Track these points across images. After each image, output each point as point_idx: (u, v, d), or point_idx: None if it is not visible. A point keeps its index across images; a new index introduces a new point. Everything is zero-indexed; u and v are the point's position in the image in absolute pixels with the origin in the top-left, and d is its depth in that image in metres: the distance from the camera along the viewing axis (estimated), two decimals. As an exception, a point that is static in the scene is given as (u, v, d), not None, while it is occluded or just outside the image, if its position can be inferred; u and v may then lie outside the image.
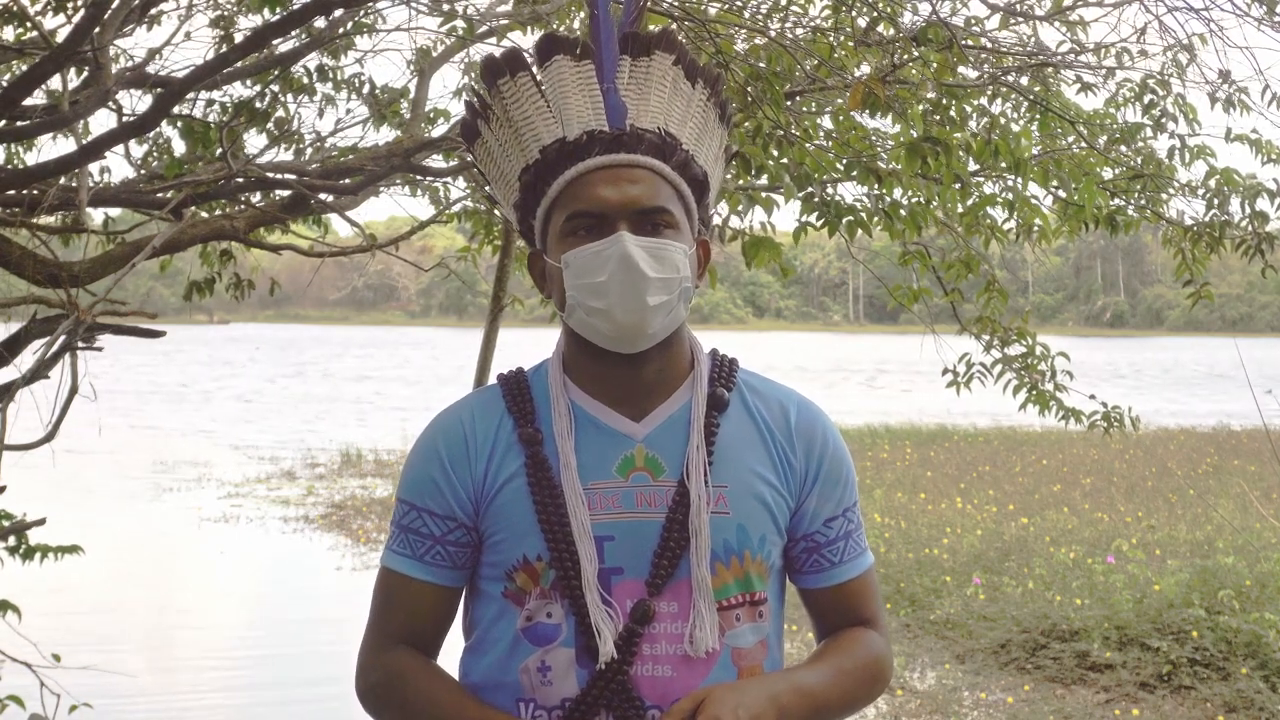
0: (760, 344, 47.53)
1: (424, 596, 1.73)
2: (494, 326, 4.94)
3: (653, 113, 1.71)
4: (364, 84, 5.29)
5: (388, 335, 69.03)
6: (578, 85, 1.71)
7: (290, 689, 7.67)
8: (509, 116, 1.74)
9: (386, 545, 1.76)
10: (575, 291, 1.66)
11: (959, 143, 3.90)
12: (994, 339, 4.77)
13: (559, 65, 1.73)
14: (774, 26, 4.41)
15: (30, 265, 4.04)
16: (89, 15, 3.19)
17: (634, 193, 1.66)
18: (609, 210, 1.65)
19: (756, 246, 3.78)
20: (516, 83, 1.74)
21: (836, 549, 1.78)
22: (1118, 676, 7.19)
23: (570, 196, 1.68)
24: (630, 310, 1.63)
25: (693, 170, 1.72)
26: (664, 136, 1.70)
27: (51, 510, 4.43)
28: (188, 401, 28.53)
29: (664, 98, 1.73)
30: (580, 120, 1.69)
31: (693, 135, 1.74)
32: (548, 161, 1.69)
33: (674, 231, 1.68)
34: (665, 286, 1.65)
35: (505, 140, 1.75)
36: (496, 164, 1.78)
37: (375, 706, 1.74)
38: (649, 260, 1.63)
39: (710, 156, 1.77)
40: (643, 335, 1.66)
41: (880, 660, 1.78)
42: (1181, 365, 45.83)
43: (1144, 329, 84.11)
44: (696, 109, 1.76)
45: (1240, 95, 4.76)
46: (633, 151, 1.68)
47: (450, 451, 1.71)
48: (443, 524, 1.71)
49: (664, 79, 1.74)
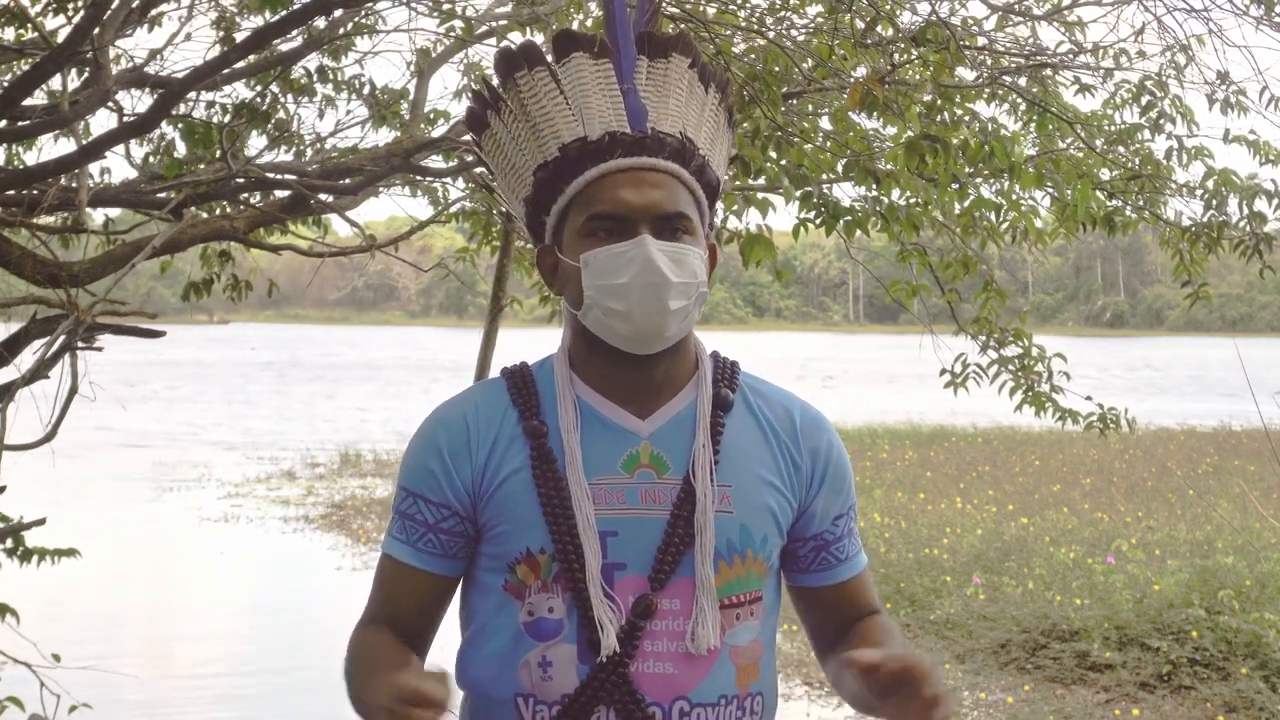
0: (760, 344, 47.54)
1: (413, 582, 1.73)
2: (493, 326, 4.95)
3: (672, 116, 1.72)
4: (364, 85, 5.29)
5: (388, 335, 69.05)
6: (598, 84, 1.72)
7: (290, 689, 7.67)
8: (526, 111, 1.74)
9: (387, 530, 1.77)
10: (594, 292, 1.66)
11: (956, 143, 3.90)
12: (990, 339, 4.78)
13: (578, 62, 1.73)
14: (770, 26, 4.41)
15: (30, 265, 4.04)
16: (89, 16, 3.19)
17: (656, 197, 1.67)
18: (631, 213, 1.66)
19: (752, 244, 3.80)
20: (534, 77, 1.73)
21: (843, 546, 1.81)
22: (1118, 676, 7.19)
23: (590, 197, 1.68)
24: (650, 313, 1.64)
25: (708, 176, 1.74)
26: (684, 141, 1.71)
27: (51, 510, 4.43)
28: (188, 401, 28.53)
29: (681, 101, 1.74)
30: (602, 120, 1.70)
31: (707, 140, 1.76)
32: (568, 160, 1.69)
33: (691, 237, 1.69)
34: (685, 291, 1.66)
35: (520, 134, 1.75)
36: (507, 156, 1.77)
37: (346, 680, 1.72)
38: (670, 265, 1.64)
39: (720, 161, 1.79)
40: (660, 338, 1.67)
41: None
42: (1178, 366, 45.82)
43: (1144, 329, 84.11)
44: (710, 114, 1.77)
45: (1238, 96, 4.76)
46: (655, 156, 1.68)
47: (450, 442, 1.72)
48: (437, 511, 1.71)
49: (681, 82, 1.75)
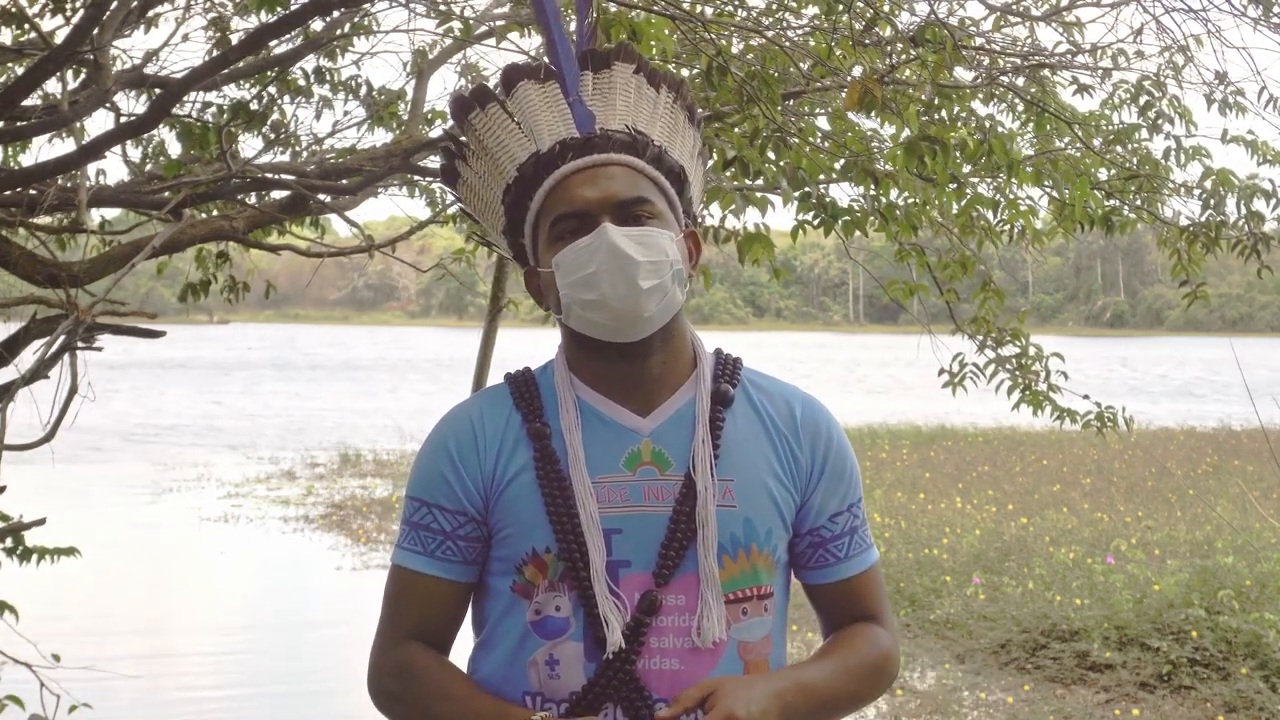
0: (761, 344, 47.54)
1: (436, 592, 1.74)
2: (493, 326, 4.96)
3: (619, 115, 1.77)
4: (361, 86, 5.30)
5: (387, 335, 69.05)
6: (545, 104, 1.77)
7: (291, 689, 7.68)
8: (484, 146, 1.79)
9: (397, 544, 1.78)
10: (568, 289, 1.69)
11: (955, 142, 3.90)
12: (988, 339, 4.78)
13: (524, 89, 1.78)
14: (768, 27, 4.41)
15: (30, 265, 4.04)
16: (88, 17, 3.20)
17: (612, 188, 1.70)
18: (590, 208, 1.69)
19: (750, 242, 3.81)
20: (487, 114, 1.79)
21: (841, 544, 1.80)
22: (1118, 676, 7.19)
23: (552, 203, 1.72)
24: (623, 295, 1.66)
25: (667, 162, 1.77)
26: (633, 134, 1.75)
27: (51, 510, 4.44)
28: (187, 401, 28.53)
29: (629, 101, 1.78)
30: (552, 133, 1.75)
31: (663, 133, 1.79)
32: (525, 177, 1.75)
33: (657, 220, 1.72)
34: (655, 270, 1.68)
35: (484, 171, 1.80)
36: (479, 196, 1.82)
37: (388, 703, 1.75)
38: (634, 246, 1.67)
39: (685, 153, 1.81)
40: (639, 320, 1.69)
41: (885, 656, 1.80)
42: (1180, 366, 45.82)
43: (1144, 329, 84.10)
44: (664, 110, 1.81)
45: (1236, 97, 4.76)
46: (604, 151, 1.73)
47: (460, 447, 1.74)
48: (453, 519, 1.72)
49: (626, 86, 1.79)
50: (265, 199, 4.83)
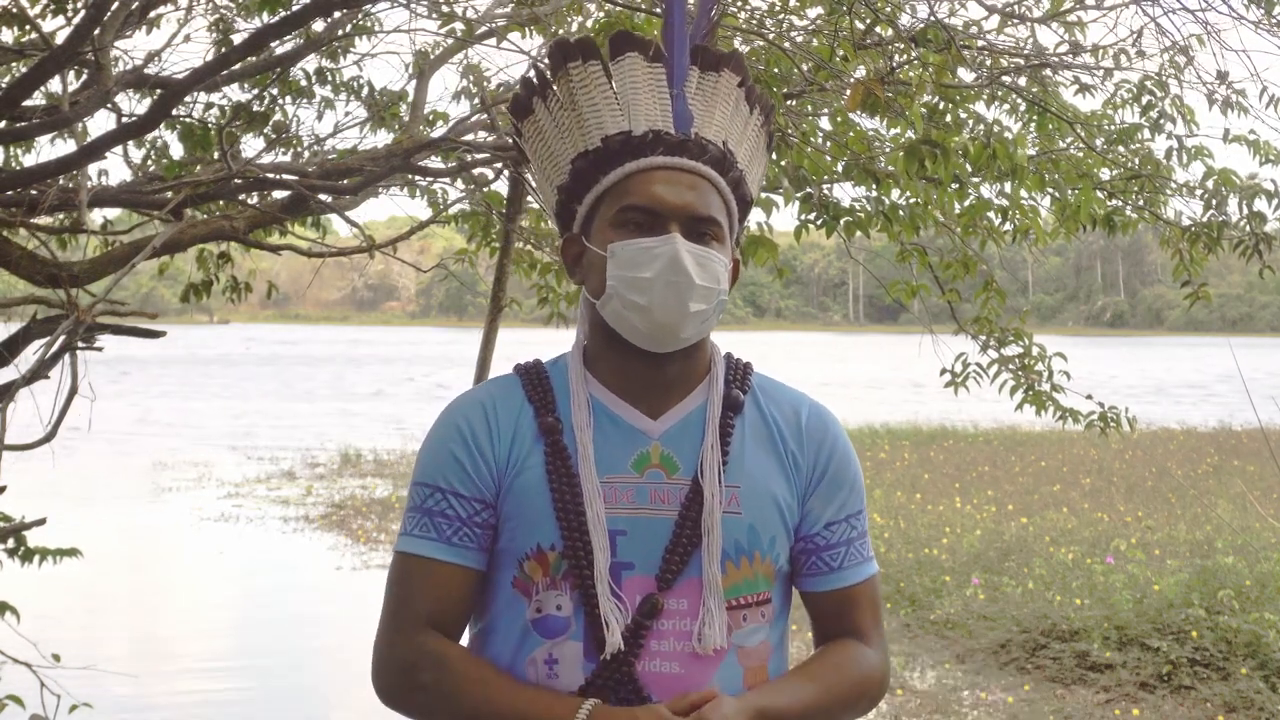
0: (761, 344, 47.56)
1: (451, 580, 1.69)
2: (493, 326, 4.95)
3: (716, 126, 1.74)
4: (363, 86, 5.29)
5: (388, 335, 69.03)
6: (648, 85, 1.74)
7: (290, 688, 7.68)
8: (574, 100, 1.75)
9: (403, 532, 1.71)
10: (617, 283, 1.67)
11: (957, 145, 3.90)
12: (990, 339, 4.78)
13: (632, 62, 1.74)
14: (770, 28, 4.41)
15: (30, 265, 4.04)
16: (89, 17, 3.20)
17: (690, 198, 1.68)
18: (664, 210, 1.67)
19: (755, 245, 3.80)
20: (587, 69, 1.75)
21: (836, 554, 1.77)
22: (1118, 676, 7.19)
23: (626, 189, 1.70)
24: (670, 311, 1.65)
25: (743, 190, 1.76)
26: (725, 151, 1.73)
27: (51, 510, 4.44)
28: (187, 401, 28.53)
29: (727, 115, 1.76)
30: (648, 118, 1.72)
31: (746, 156, 1.78)
32: (609, 151, 1.71)
33: (719, 244, 1.70)
34: (706, 295, 1.67)
35: (565, 122, 1.76)
36: (547, 143, 1.78)
37: (405, 694, 1.68)
38: (696, 267, 1.65)
39: (756, 180, 1.81)
40: (675, 338, 1.68)
41: (868, 678, 1.76)
42: (1180, 366, 45.82)
43: (1144, 329, 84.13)
44: (751, 133, 1.79)
45: (1238, 97, 4.76)
46: (696, 159, 1.71)
47: (474, 429, 1.71)
48: (469, 505, 1.69)
49: (728, 97, 1.77)
50: (266, 199, 4.82)
